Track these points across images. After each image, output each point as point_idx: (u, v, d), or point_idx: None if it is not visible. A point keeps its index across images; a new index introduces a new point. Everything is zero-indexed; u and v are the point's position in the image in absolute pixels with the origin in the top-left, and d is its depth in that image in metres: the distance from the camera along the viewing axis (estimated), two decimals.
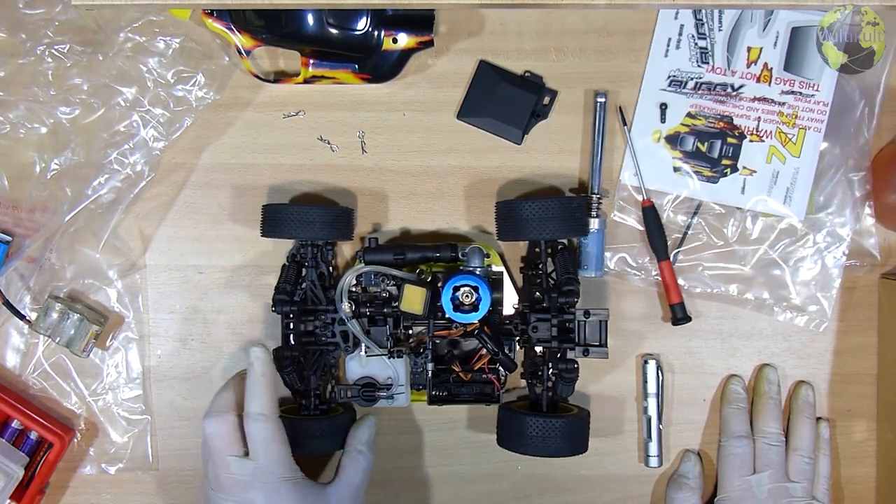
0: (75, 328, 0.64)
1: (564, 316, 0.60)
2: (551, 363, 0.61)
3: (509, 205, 0.61)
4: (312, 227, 0.61)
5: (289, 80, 0.66)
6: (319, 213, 0.61)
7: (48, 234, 0.64)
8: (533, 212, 0.59)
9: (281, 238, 0.62)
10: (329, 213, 0.62)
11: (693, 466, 0.66)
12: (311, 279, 0.63)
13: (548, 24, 0.66)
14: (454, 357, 0.63)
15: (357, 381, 0.64)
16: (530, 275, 0.65)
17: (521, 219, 0.60)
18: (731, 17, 0.65)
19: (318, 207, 0.62)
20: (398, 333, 0.63)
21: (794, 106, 0.65)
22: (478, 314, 0.59)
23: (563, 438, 0.60)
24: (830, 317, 0.66)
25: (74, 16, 0.63)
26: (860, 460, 0.68)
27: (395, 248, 0.63)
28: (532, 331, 0.61)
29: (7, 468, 0.63)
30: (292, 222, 0.61)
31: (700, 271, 0.66)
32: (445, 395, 0.64)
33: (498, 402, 0.64)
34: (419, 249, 0.63)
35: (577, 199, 0.62)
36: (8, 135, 0.64)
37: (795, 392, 0.67)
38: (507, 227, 0.62)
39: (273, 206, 0.63)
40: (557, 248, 0.63)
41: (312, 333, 0.63)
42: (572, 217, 0.60)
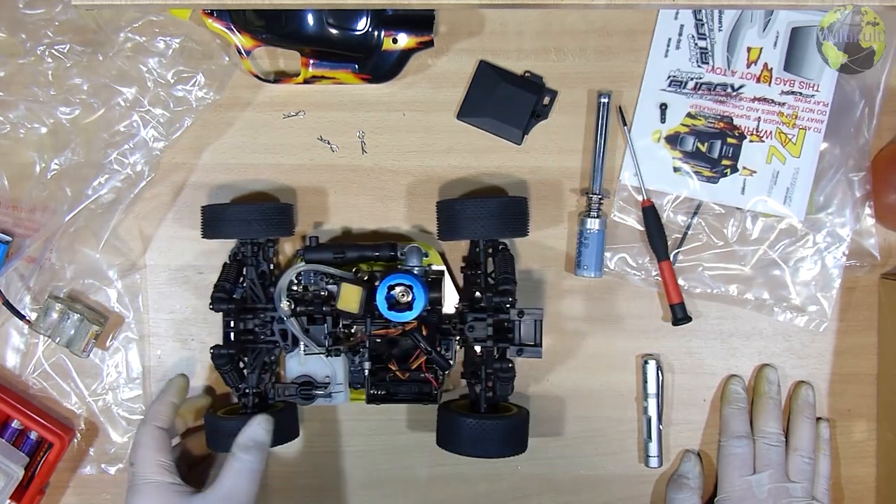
0: (75, 328, 0.64)
1: (500, 315, 0.61)
2: (489, 363, 0.61)
3: (449, 204, 0.62)
4: (250, 225, 0.61)
5: (289, 80, 0.66)
6: (256, 211, 0.61)
7: (48, 234, 0.64)
8: (471, 211, 0.60)
9: (221, 238, 0.63)
10: (266, 210, 0.62)
11: (693, 466, 0.66)
12: (250, 277, 0.63)
13: (548, 24, 0.66)
14: (392, 356, 0.63)
15: (295, 380, 0.64)
16: (471, 275, 0.65)
17: (460, 218, 0.60)
18: (731, 18, 0.65)
19: (255, 205, 0.62)
20: (337, 332, 0.63)
21: (794, 106, 0.65)
22: (412, 313, 0.59)
23: (499, 439, 0.60)
24: (830, 317, 0.66)
25: (74, 16, 0.63)
26: (860, 460, 0.68)
27: (336, 247, 0.63)
28: (469, 330, 0.61)
29: (7, 468, 0.63)
30: (230, 221, 0.61)
31: (700, 271, 0.66)
32: (384, 394, 0.63)
33: (436, 402, 0.64)
34: (359, 248, 0.63)
35: (516, 199, 0.62)
36: (8, 135, 0.64)
37: (795, 392, 0.67)
38: (446, 227, 0.62)
39: (212, 207, 0.63)
40: (497, 248, 0.63)
41: (252, 332, 0.63)
42: (511, 217, 0.61)
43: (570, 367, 0.68)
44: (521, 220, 0.62)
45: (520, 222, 0.62)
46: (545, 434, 0.68)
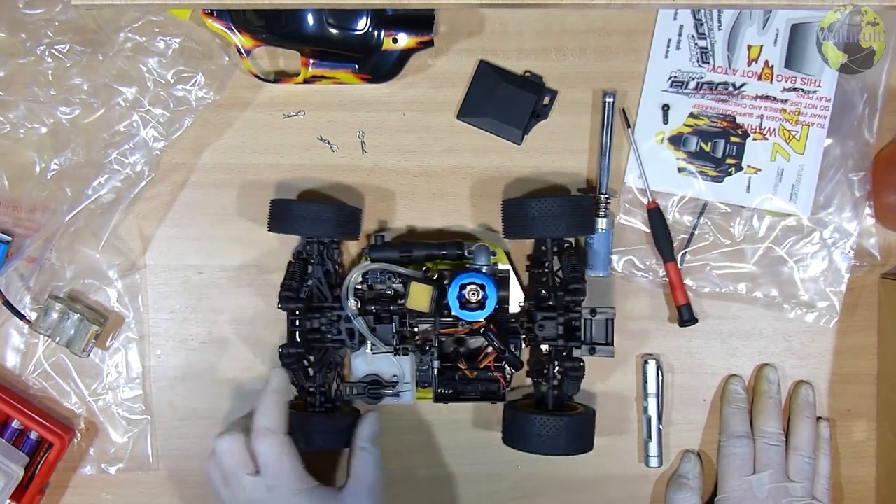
0: (75, 328, 0.64)
1: (570, 314, 0.60)
2: (557, 361, 0.61)
3: (516, 203, 0.61)
4: (321, 224, 0.61)
5: (289, 80, 0.66)
6: (328, 211, 0.61)
7: (48, 234, 0.64)
8: (540, 210, 0.59)
9: (288, 234, 0.63)
10: (338, 212, 0.62)
11: (693, 466, 0.66)
12: (317, 276, 0.63)
13: (548, 24, 0.66)
14: (460, 355, 0.63)
15: (363, 379, 0.64)
16: (536, 273, 0.64)
17: (528, 217, 0.60)
18: (731, 16, 0.65)
19: (328, 205, 0.62)
20: (404, 331, 0.63)
21: (796, 102, 0.65)
22: (484, 312, 0.59)
23: (568, 437, 0.60)
24: (839, 312, 0.66)
25: (74, 16, 0.63)
26: (860, 460, 0.68)
27: (402, 246, 0.63)
28: (538, 329, 0.60)
29: (7, 468, 0.63)
30: (301, 219, 0.61)
31: (708, 271, 0.66)
32: (451, 393, 0.63)
33: (503, 400, 0.64)
34: (425, 247, 0.63)
35: (583, 197, 0.62)
36: (8, 135, 0.64)
37: (795, 392, 0.67)
38: (513, 226, 0.62)
39: (282, 202, 0.63)
40: (564, 247, 0.63)
41: (318, 331, 0.62)
42: (579, 216, 0.60)
43: None
44: (588, 217, 0.62)
45: (587, 220, 0.62)
46: None
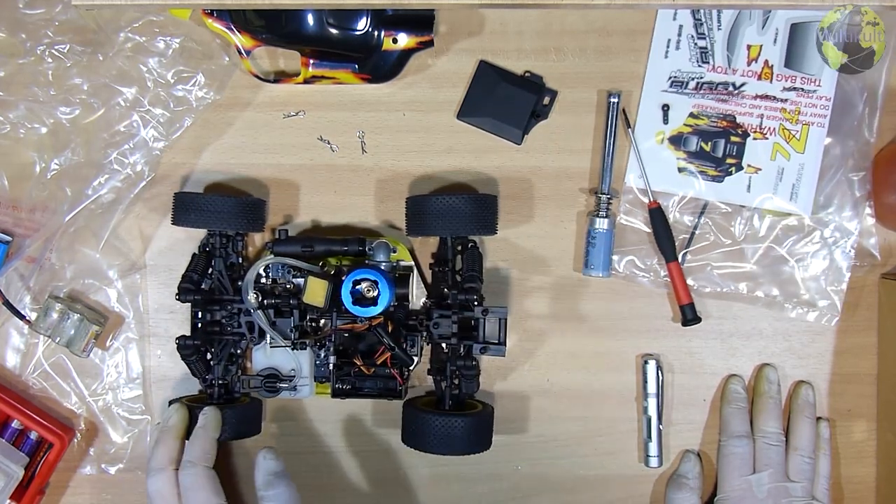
0: (75, 328, 0.64)
1: (465, 313, 0.61)
2: (453, 360, 0.61)
3: (418, 200, 0.62)
4: (221, 216, 0.61)
5: (289, 80, 0.66)
6: (229, 203, 0.61)
7: (48, 234, 0.64)
8: (441, 207, 0.60)
9: (191, 227, 0.62)
10: (239, 204, 0.62)
11: (693, 466, 0.66)
12: (218, 269, 0.63)
13: (548, 24, 0.66)
14: (357, 351, 0.63)
15: (260, 372, 0.64)
16: (439, 272, 0.65)
17: (430, 214, 0.60)
18: (730, 16, 0.65)
19: (229, 197, 0.62)
20: (304, 326, 0.63)
21: (796, 102, 0.65)
22: (377, 308, 0.59)
23: (463, 436, 0.60)
24: (840, 311, 0.66)
25: (74, 16, 0.63)
26: (860, 460, 0.68)
27: (304, 241, 0.63)
28: (433, 327, 0.61)
29: (7, 468, 0.63)
30: (202, 211, 0.61)
31: (709, 271, 0.66)
32: (349, 389, 0.63)
33: (400, 398, 0.64)
34: (327, 242, 0.63)
35: (489, 196, 0.63)
36: (8, 135, 0.64)
37: (795, 392, 0.67)
38: (415, 222, 0.62)
39: (184, 195, 0.63)
40: (466, 246, 0.63)
41: (218, 323, 0.63)
42: (482, 214, 0.61)
43: (571, 367, 0.67)
44: (490, 217, 0.62)
45: (489, 220, 0.62)
46: (545, 434, 0.68)
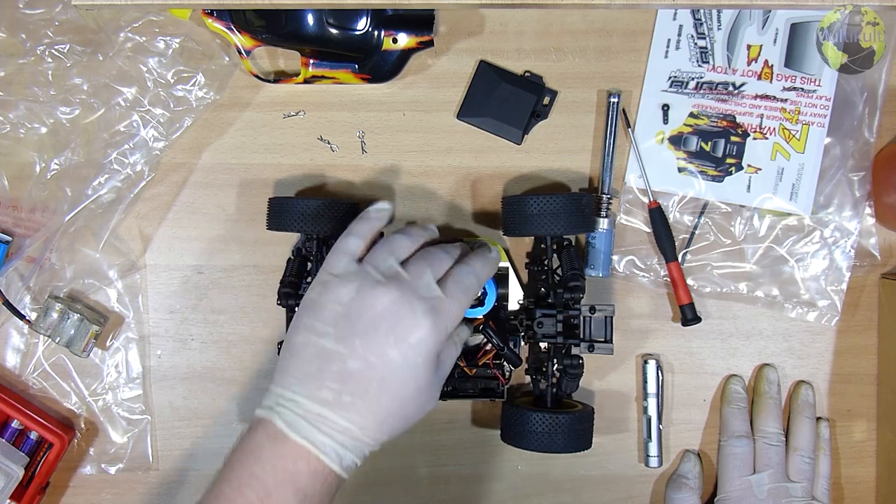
0: (75, 328, 0.64)
1: (569, 312, 0.60)
2: (556, 359, 0.61)
3: (516, 200, 0.61)
4: (318, 221, 0.60)
5: (289, 80, 0.66)
6: (326, 207, 0.60)
7: (48, 234, 0.64)
8: (540, 207, 0.59)
9: (287, 231, 0.61)
10: (336, 207, 0.61)
11: (693, 466, 0.66)
12: (316, 273, 0.62)
13: (548, 24, 0.66)
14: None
15: None
16: (535, 271, 0.64)
17: (528, 214, 0.60)
18: (730, 16, 0.65)
19: (325, 201, 0.61)
20: None
21: (796, 102, 0.65)
22: (483, 309, 0.59)
23: (567, 434, 0.60)
24: (840, 311, 0.66)
25: (74, 16, 0.63)
26: (860, 460, 0.68)
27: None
28: (537, 326, 0.60)
29: (7, 468, 0.63)
30: (299, 216, 0.60)
31: (709, 271, 0.66)
32: (450, 390, 0.63)
33: (502, 397, 0.64)
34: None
35: (584, 195, 0.62)
36: (8, 135, 0.64)
37: (795, 392, 0.67)
38: (513, 223, 0.61)
39: (280, 200, 0.62)
40: (563, 245, 0.63)
41: None
42: (580, 213, 0.60)
43: None
44: (588, 215, 0.62)
45: (587, 218, 0.62)
46: None
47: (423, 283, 0.50)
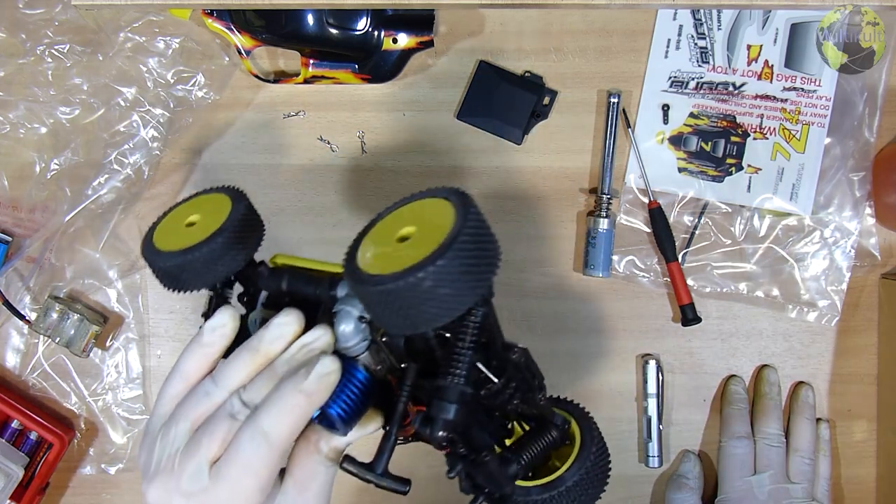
0: (75, 328, 0.64)
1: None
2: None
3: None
4: (200, 273, 0.43)
5: (289, 80, 0.66)
6: (197, 256, 0.42)
7: (48, 234, 0.64)
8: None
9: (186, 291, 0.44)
10: (207, 251, 0.42)
11: (693, 467, 0.66)
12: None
13: (548, 24, 0.66)
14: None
15: None
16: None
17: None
18: (730, 16, 0.65)
19: (191, 251, 0.42)
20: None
21: (796, 102, 0.65)
22: (339, 430, 0.42)
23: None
24: (840, 311, 0.66)
25: (74, 16, 0.63)
26: (860, 460, 0.68)
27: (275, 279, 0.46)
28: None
29: (7, 468, 0.63)
30: (177, 275, 0.43)
31: (709, 271, 0.66)
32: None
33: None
34: (294, 282, 0.45)
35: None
36: (8, 135, 0.64)
37: (795, 393, 0.67)
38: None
39: (148, 256, 0.44)
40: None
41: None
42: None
43: (571, 367, 0.67)
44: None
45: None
46: None
47: (189, 469, 0.37)
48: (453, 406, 0.39)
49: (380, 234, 0.39)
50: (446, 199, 0.38)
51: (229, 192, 0.47)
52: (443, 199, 0.38)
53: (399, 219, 0.39)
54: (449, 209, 0.37)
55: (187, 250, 0.43)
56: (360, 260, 0.38)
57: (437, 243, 0.35)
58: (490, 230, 0.38)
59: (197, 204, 0.47)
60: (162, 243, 0.45)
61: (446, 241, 0.35)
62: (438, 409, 0.39)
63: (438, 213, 0.38)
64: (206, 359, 0.41)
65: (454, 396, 0.39)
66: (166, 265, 0.43)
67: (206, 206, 0.47)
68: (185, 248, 0.43)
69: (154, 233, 0.46)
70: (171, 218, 0.47)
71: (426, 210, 0.39)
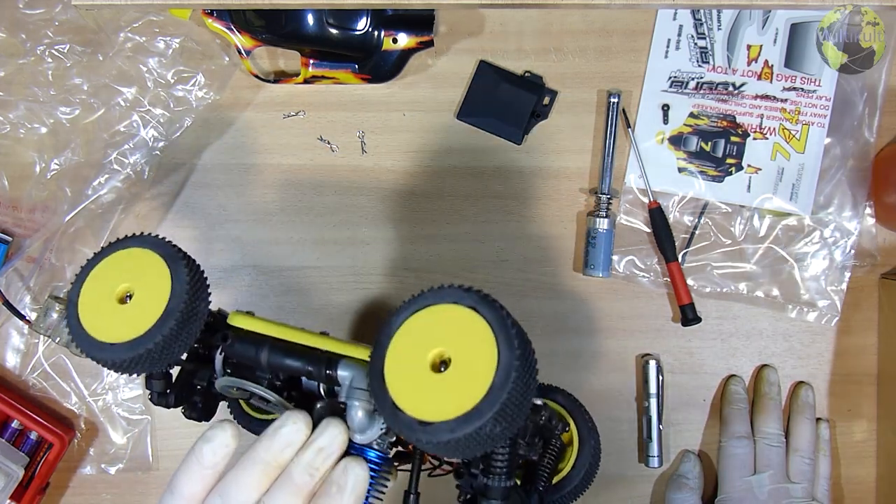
0: None
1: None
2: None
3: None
4: (156, 362, 0.39)
5: (289, 80, 0.66)
6: (151, 349, 0.38)
7: (48, 234, 0.64)
8: None
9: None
10: (163, 340, 0.38)
11: (693, 467, 0.66)
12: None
13: (548, 24, 0.66)
14: None
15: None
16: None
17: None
18: (730, 16, 0.65)
19: (142, 342, 0.38)
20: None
21: (796, 102, 0.65)
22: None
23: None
24: (840, 311, 0.66)
25: (74, 16, 0.63)
26: (860, 460, 0.68)
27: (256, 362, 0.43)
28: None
29: (7, 468, 0.63)
30: (128, 367, 0.39)
31: (709, 271, 0.66)
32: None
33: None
34: (288, 357, 0.42)
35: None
36: (8, 135, 0.64)
37: (795, 393, 0.67)
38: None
39: (90, 350, 0.39)
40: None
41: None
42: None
43: (571, 368, 0.67)
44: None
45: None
46: None
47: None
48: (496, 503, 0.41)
49: (405, 352, 0.35)
50: (475, 310, 0.34)
51: (158, 250, 0.41)
52: (471, 311, 0.34)
53: (423, 332, 0.35)
54: (484, 329, 0.33)
55: (138, 342, 0.37)
56: (392, 390, 0.34)
57: (485, 378, 0.32)
58: (527, 337, 0.35)
59: (119, 265, 0.40)
60: (98, 330, 0.38)
61: (500, 381, 0.31)
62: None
63: (472, 331, 0.34)
64: (207, 480, 0.38)
65: (500, 495, 0.41)
66: (116, 360, 0.38)
67: (132, 267, 0.40)
68: (134, 340, 0.37)
69: (79, 311, 0.39)
70: (93, 288, 0.40)
71: (455, 324, 0.34)
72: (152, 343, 0.38)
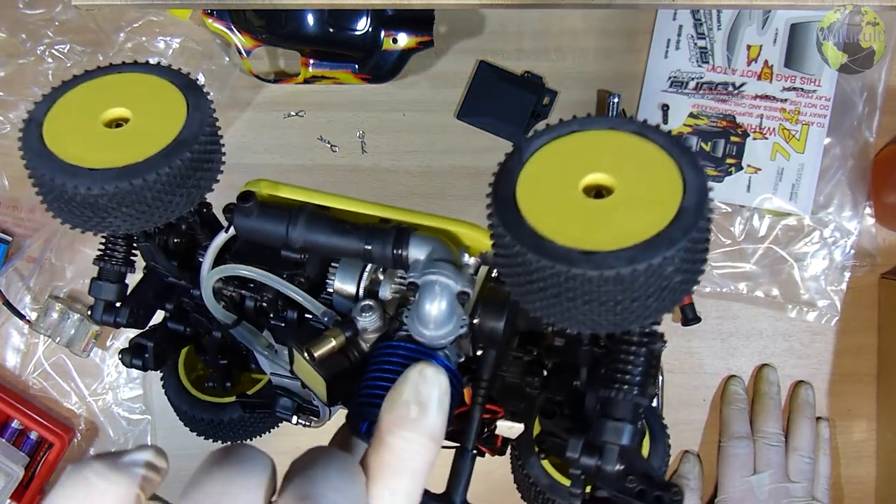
0: (75, 328, 0.64)
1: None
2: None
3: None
4: (141, 212, 0.29)
5: (289, 80, 0.66)
6: (150, 182, 0.28)
7: (48, 234, 0.64)
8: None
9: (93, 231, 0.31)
10: (167, 175, 0.28)
11: (693, 467, 0.66)
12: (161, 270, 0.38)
13: (548, 24, 0.66)
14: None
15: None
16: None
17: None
18: (730, 16, 0.65)
19: (139, 171, 0.28)
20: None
21: (796, 102, 0.65)
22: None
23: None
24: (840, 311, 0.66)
25: (75, 16, 0.63)
26: (860, 460, 0.68)
27: (283, 240, 0.33)
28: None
29: (7, 468, 0.63)
30: (103, 207, 0.29)
31: (709, 271, 0.66)
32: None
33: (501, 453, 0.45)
34: (329, 234, 0.34)
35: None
36: (8, 135, 0.64)
37: (795, 392, 0.67)
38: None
39: (52, 172, 0.30)
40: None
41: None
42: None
43: None
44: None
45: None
46: None
47: None
48: (627, 427, 0.28)
49: (545, 177, 0.27)
50: (642, 136, 0.26)
51: (172, 78, 0.31)
52: (636, 136, 0.26)
53: (570, 157, 0.27)
54: (656, 152, 0.26)
55: (131, 169, 0.27)
56: (529, 215, 0.25)
57: (669, 203, 0.24)
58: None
59: (113, 87, 0.32)
60: (69, 152, 0.28)
61: (691, 203, 0.24)
62: (610, 432, 0.28)
63: (640, 155, 0.26)
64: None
65: (629, 413, 0.28)
66: (90, 193, 0.27)
67: (132, 93, 0.31)
68: (126, 167, 0.27)
69: (43, 130, 0.30)
70: (69, 108, 0.31)
71: (615, 149, 0.27)
72: (153, 174, 0.27)
